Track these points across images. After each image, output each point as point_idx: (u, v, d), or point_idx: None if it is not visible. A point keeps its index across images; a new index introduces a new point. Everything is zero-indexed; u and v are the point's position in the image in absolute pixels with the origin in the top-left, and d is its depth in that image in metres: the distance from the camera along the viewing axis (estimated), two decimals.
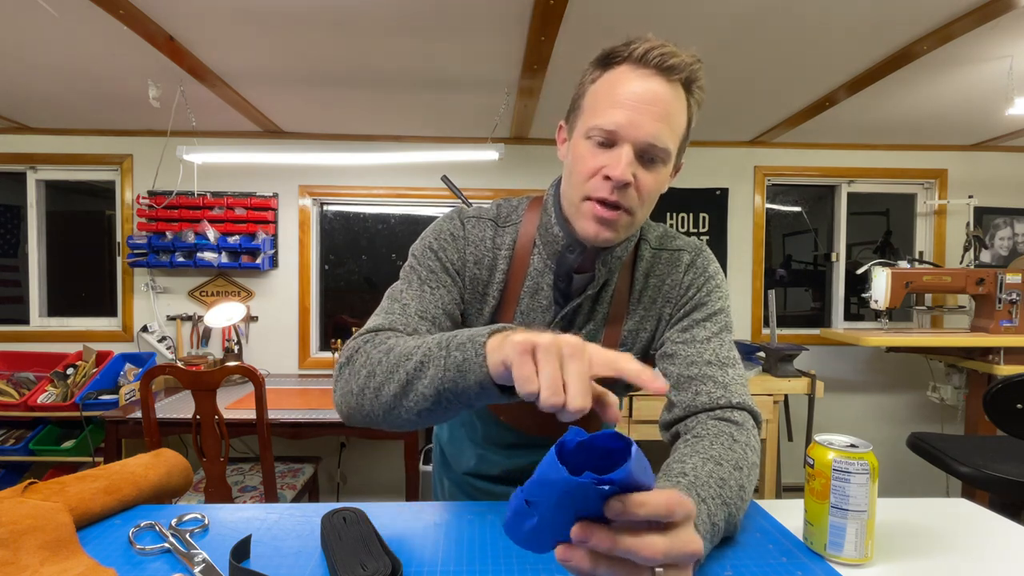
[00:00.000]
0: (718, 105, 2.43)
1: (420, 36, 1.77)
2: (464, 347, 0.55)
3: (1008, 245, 3.10)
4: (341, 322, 3.13)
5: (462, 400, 0.57)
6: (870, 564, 0.57)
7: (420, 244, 0.82)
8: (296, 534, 0.62)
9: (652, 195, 0.72)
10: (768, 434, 2.35)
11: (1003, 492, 1.57)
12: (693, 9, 1.59)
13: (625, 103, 0.67)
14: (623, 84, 0.68)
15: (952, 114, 2.51)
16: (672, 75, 0.68)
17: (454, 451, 1.00)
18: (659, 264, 0.83)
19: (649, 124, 0.67)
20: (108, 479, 0.67)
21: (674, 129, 0.69)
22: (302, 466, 2.42)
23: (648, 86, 0.68)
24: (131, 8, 1.57)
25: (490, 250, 0.82)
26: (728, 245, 3.06)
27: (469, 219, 0.83)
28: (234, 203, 2.84)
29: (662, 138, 0.68)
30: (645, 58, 0.68)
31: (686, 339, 0.78)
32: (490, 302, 0.82)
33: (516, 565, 0.57)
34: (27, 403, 2.44)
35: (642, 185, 0.70)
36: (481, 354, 0.53)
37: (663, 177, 0.72)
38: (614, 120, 0.67)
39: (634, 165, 0.68)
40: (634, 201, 0.70)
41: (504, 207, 0.85)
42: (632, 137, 0.67)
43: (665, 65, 0.67)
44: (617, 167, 0.67)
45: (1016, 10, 1.55)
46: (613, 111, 0.68)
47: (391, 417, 0.63)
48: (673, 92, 0.69)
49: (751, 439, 0.70)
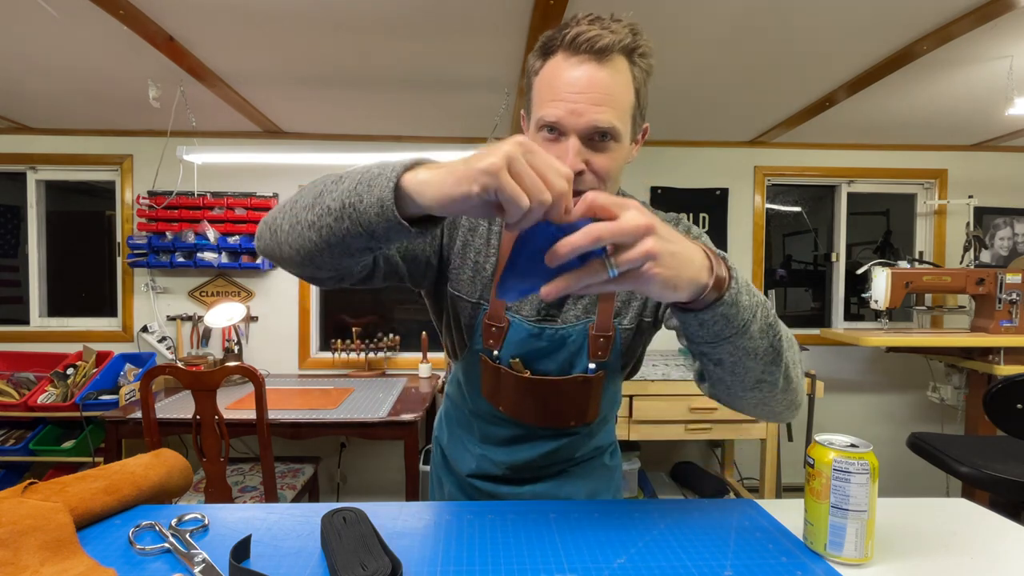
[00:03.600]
0: (718, 105, 2.43)
1: (420, 36, 1.77)
2: (384, 167, 0.57)
3: (1008, 245, 3.10)
4: (341, 322, 3.13)
5: (362, 224, 0.57)
6: (870, 564, 0.57)
7: None
8: (296, 534, 0.62)
9: (611, 172, 0.73)
10: (768, 434, 2.35)
11: (1003, 492, 1.57)
12: (693, 9, 1.59)
13: (562, 94, 0.69)
14: (559, 74, 0.70)
15: (952, 114, 2.51)
16: (605, 55, 0.69)
17: (455, 453, 1.00)
18: None
19: (589, 111, 0.68)
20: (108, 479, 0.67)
21: (618, 106, 0.70)
22: (302, 466, 2.42)
23: (582, 72, 0.68)
24: (131, 8, 1.57)
25: (485, 235, 0.85)
26: (728, 245, 3.06)
27: None
28: (234, 203, 2.84)
29: (605, 120, 0.69)
30: (575, 44, 0.68)
31: None
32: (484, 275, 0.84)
33: (516, 565, 0.57)
34: (27, 403, 2.44)
35: (597, 167, 0.71)
36: (397, 172, 0.55)
37: (619, 152, 0.73)
38: (554, 113, 0.69)
39: (584, 152, 0.70)
40: (592, 184, 0.72)
41: None
42: (574, 126, 0.69)
43: (596, 47, 0.68)
44: (565, 158, 0.68)
45: (1016, 10, 1.55)
46: (553, 104, 0.69)
47: (293, 233, 0.64)
48: (610, 72, 0.69)
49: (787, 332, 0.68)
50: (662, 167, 2.98)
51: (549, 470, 0.95)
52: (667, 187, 2.98)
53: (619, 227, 0.49)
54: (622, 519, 0.67)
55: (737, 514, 0.69)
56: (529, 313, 0.84)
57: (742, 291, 0.58)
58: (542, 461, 0.93)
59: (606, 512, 0.69)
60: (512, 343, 0.84)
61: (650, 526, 0.65)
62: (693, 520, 0.67)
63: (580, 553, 0.58)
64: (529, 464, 0.93)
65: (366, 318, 3.11)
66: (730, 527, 0.65)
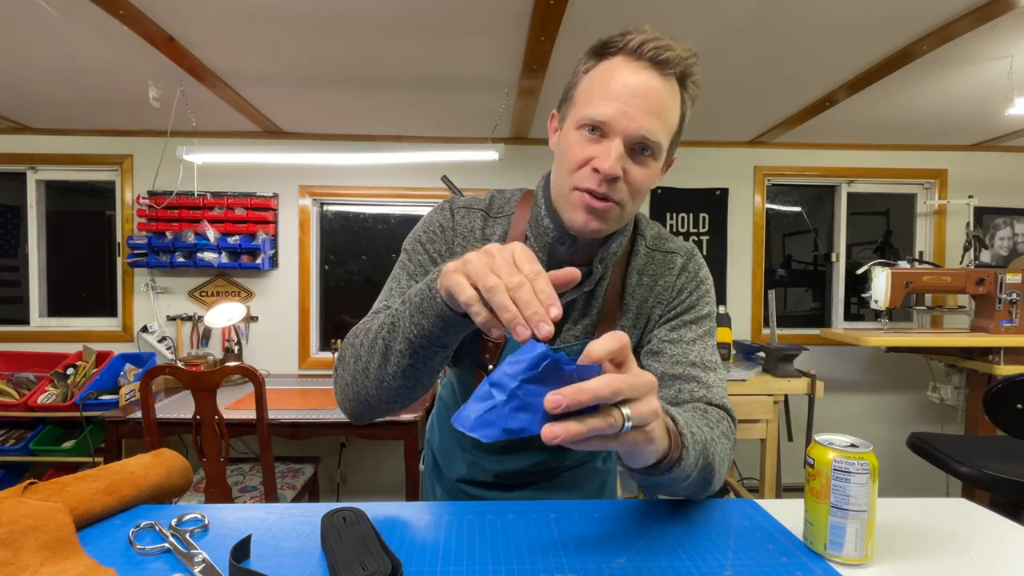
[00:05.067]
0: (718, 105, 2.43)
1: (420, 36, 1.77)
2: (421, 291, 0.58)
3: (1008, 245, 3.10)
4: (341, 322, 3.12)
5: (434, 342, 0.59)
6: (870, 564, 0.57)
7: (411, 237, 0.84)
8: (296, 534, 0.62)
9: (642, 189, 0.71)
10: (768, 434, 2.35)
11: (1003, 492, 1.57)
12: (693, 9, 1.60)
13: (618, 95, 0.66)
14: (616, 76, 0.67)
15: (952, 114, 2.51)
16: (666, 69, 0.67)
17: (445, 457, 0.99)
18: (652, 264, 0.83)
19: (641, 117, 0.66)
20: (108, 479, 0.67)
21: (666, 123, 0.68)
22: (302, 466, 2.42)
23: (641, 78, 0.66)
24: (131, 8, 1.57)
25: (479, 240, 0.81)
26: (728, 245, 3.06)
27: (459, 209, 0.83)
28: (234, 203, 2.84)
29: (654, 131, 0.67)
30: (640, 50, 0.67)
31: (673, 338, 0.79)
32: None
33: (516, 565, 0.57)
34: (27, 403, 2.44)
35: (632, 179, 0.69)
36: (434, 287, 0.56)
37: (653, 171, 0.71)
38: (605, 112, 0.66)
39: (624, 159, 0.67)
40: (624, 194, 0.70)
41: (497, 199, 0.85)
42: (623, 130, 0.66)
43: (660, 58, 0.66)
44: (607, 160, 0.66)
45: (1016, 10, 1.55)
46: (605, 103, 0.67)
47: (383, 392, 0.65)
48: (667, 86, 0.68)
49: (725, 425, 0.72)
50: None
51: (538, 476, 0.95)
52: (667, 187, 2.97)
53: (636, 382, 0.47)
54: (622, 519, 0.67)
55: (737, 514, 0.69)
56: None
57: (690, 451, 0.58)
58: (531, 469, 0.93)
59: (606, 512, 0.69)
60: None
61: (650, 526, 0.65)
62: (693, 520, 0.67)
63: (580, 553, 0.58)
64: (518, 472, 0.92)
65: None
66: (730, 527, 0.65)
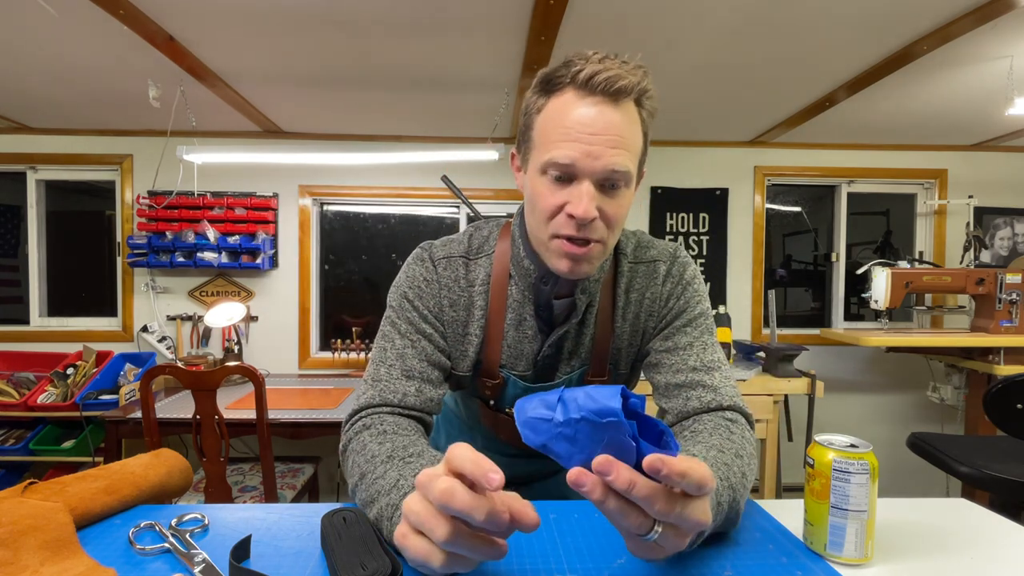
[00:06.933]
0: (718, 105, 2.43)
1: (420, 36, 1.77)
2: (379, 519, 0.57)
3: (1008, 245, 3.10)
4: (341, 322, 3.13)
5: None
6: (870, 564, 0.57)
7: (395, 293, 0.80)
8: (296, 534, 0.62)
9: (620, 220, 0.70)
10: (768, 434, 2.34)
11: (1003, 492, 1.57)
12: (692, 9, 1.59)
13: (578, 135, 0.64)
14: (571, 114, 0.65)
15: (952, 114, 2.51)
16: (622, 97, 0.65)
17: None
18: (637, 278, 0.81)
19: (606, 154, 0.64)
20: (108, 479, 0.67)
21: (631, 149, 0.67)
22: (302, 466, 2.42)
23: (598, 113, 0.64)
24: (131, 8, 1.57)
25: (464, 289, 0.80)
26: (728, 245, 3.06)
27: (440, 261, 0.80)
28: (234, 203, 2.84)
29: (622, 163, 0.65)
30: (591, 84, 0.64)
31: (669, 347, 0.78)
32: (473, 340, 0.80)
33: (516, 565, 0.57)
34: (27, 403, 2.44)
35: (608, 215, 0.67)
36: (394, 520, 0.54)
37: (627, 198, 0.70)
38: (569, 155, 0.64)
39: (597, 198, 0.66)
40: (603, 232, 0.68)
41: (476, 237, 0.83)
42: (591, 170, 0.65)
43: (612, 90, 0.64)
44: (580, 204, 0.65)
45: (1016, 10, 1.55)
46: (566, 144, 0.64)
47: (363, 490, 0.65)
48: (625, 115, 0.66)
49: (747, 433, 0.70)
50: (662, 167, 2.98)
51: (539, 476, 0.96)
52: (667, 187, 2.98)
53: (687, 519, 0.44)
54: None
55: None
56: (524, 370, 0.82)
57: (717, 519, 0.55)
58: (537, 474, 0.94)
59: None
60: (509, 396, 0.83)
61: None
62: None
63: (580, 553, 0.58)
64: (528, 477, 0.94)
65: (366, 318, 3.11)
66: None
